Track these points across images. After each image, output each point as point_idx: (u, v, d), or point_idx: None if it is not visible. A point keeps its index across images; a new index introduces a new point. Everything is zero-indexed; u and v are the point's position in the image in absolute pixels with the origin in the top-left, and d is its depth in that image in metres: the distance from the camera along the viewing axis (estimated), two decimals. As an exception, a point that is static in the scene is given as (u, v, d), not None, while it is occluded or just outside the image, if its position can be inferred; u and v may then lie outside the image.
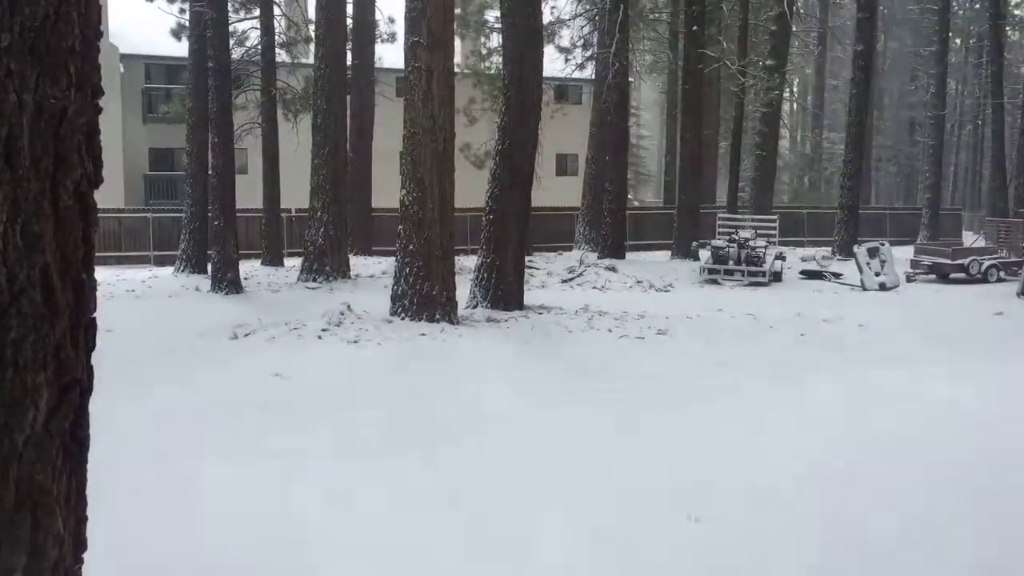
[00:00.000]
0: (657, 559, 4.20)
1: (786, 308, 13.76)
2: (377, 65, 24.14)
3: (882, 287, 17.08)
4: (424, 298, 11.37)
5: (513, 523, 4.61)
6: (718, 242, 18.81)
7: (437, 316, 11.29)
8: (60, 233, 1.33)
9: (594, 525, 4.58)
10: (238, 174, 16.10)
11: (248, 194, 21.51)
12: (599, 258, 21.19)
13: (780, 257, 18.79)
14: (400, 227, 11.77)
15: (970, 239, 25.62)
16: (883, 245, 17.86)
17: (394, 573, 4.08)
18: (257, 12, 20.12)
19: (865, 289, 17.04)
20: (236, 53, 19.67)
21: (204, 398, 7.39)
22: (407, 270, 11.52)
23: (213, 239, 15.68)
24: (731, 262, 18.22)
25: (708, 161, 28.26)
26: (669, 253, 23.11)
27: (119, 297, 14.30)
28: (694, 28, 21.98)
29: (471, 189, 17.57)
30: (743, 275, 17.98)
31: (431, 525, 4.58)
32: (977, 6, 43.52)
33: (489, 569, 4.11)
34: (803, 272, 19.48)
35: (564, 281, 17.71)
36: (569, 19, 25.08)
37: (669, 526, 4.56)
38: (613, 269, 18.95)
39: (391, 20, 24.11)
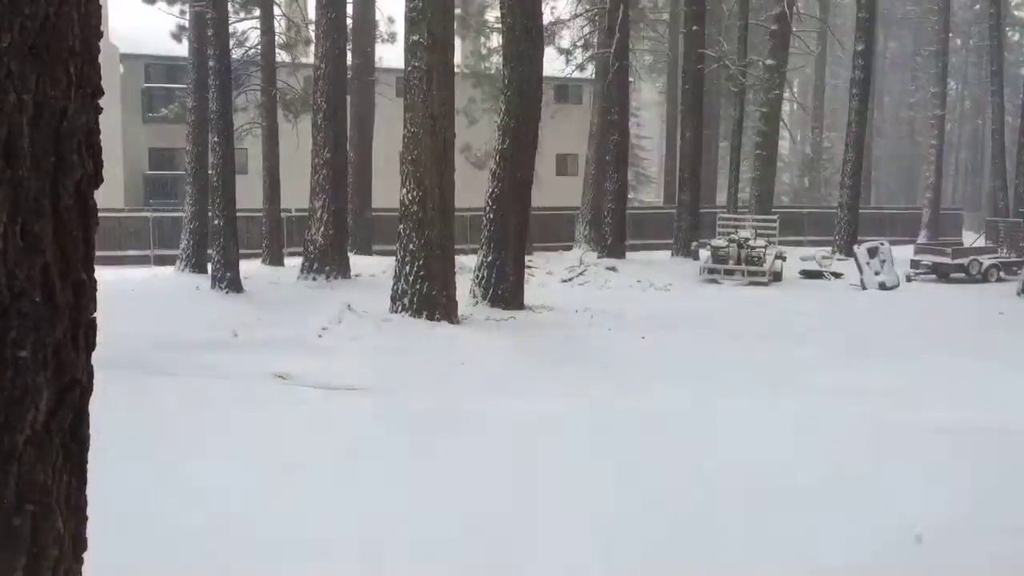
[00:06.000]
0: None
1: (786, 307, 13.76)
2: (377, 65, 24.11)
3: (882, 287, 17.07)
4: (424, 297, 11.38)
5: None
6: (718, 242, 18.81)
7: (437, 315, 11.30)
8: (60, 233, 1.32)
9: (594, 524, 4.58)
10: (238, 174, 16.08)
11: (248, 194, 21.48)
12: (599, 258, 21.19)
13: (780, 257, 18.78)
14: (400, 227, 11.78)
15: (970, 239, 25.63)
16: (883, 245, 17.85)
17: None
18: (257, 12, 20.11)
19: (865, 288, 17.03)
20: (236, 53, 19.67)
21: (202, 397, 7.38)
22: (407, 270, 11.53)
23: (213, 239, 15.68)
24: (731, 262, 18.22)
25: (708, 161, 28.26)
26: (669, 253, 23.10)
27: (119, 297, 14.28)
28: (694, 28, 21.98)
29: (471, 189, 17.55)
30: (743, 275, 17.98)
31: (429, 522, 4.58)
32: (977, 6, 43.52)
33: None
34: (803, 272, 19.46)
35: (564, 281, 17.72)
36: (569, 19, 25.07)
37: (669, 522, 4.56)
38: (613, 269, 18.96)
39: (391, 20, 24.10)
